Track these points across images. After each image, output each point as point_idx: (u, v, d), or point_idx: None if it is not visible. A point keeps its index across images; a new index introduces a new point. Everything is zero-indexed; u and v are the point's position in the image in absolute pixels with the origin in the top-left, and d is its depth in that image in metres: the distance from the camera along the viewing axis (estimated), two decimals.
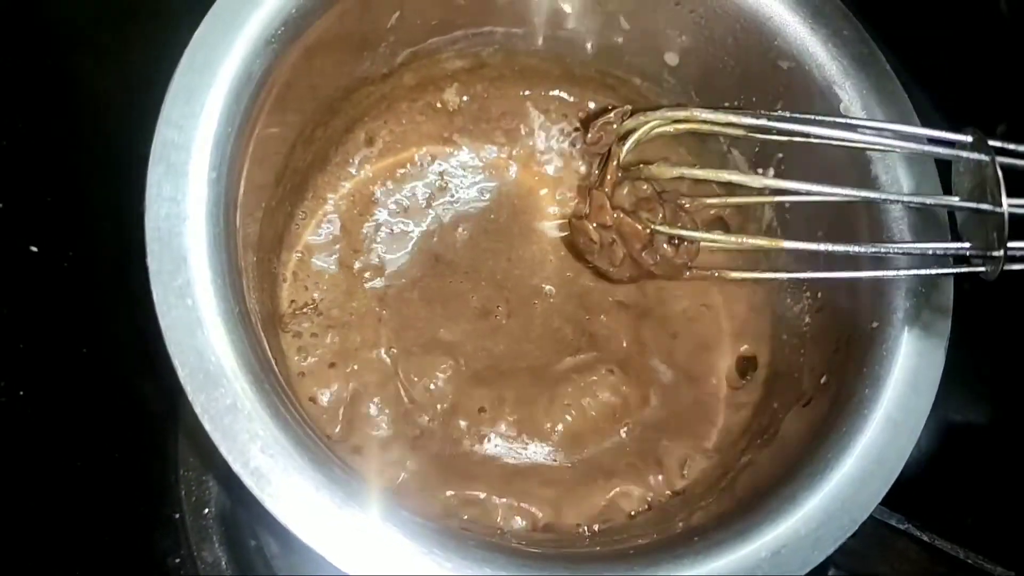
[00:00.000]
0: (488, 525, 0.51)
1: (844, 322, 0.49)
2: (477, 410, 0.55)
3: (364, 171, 0.60)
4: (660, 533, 0.46)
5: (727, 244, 0.48)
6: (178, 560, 0.57)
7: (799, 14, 0.50)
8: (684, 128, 0.46)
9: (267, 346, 0.45)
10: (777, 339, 0.56)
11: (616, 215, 0.48)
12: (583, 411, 0.55)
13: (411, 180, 0.60)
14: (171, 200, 0.40)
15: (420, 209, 0.60)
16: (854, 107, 0.49)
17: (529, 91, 0.62)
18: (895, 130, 0.45)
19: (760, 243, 0.46)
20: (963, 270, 0.43)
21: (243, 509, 0.57)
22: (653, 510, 0.53)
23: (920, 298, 0.46)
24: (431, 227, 0.60)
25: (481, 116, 0.62)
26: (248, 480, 0.37)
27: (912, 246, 0.46)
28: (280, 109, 0.47)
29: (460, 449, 0.54)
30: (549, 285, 0.59)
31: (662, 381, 0.57)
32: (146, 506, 0.58)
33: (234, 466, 0.37)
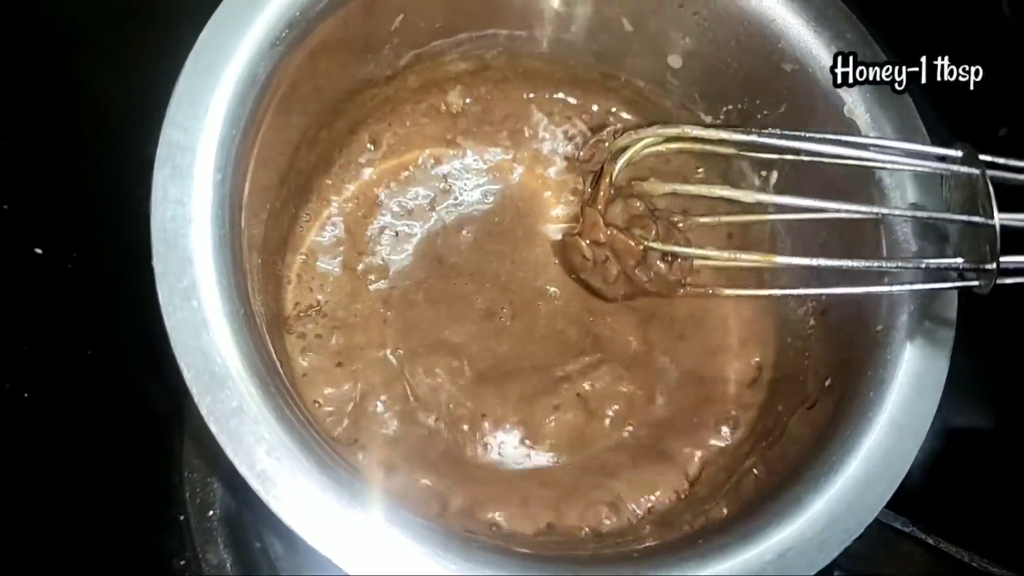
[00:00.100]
0: (492, 526, 0.51)
1: (849, 325, 0.49)
2: (482, 411, 0.55)
3: (368, 173, 0.60)
4: (665, 535, 0.46)
5: (720, 260, 0.48)
6: (183, 562, 0.57)
7: (802, 17, 0.51)
8: (676, 147, 0.46)
9: (272, 348, 0.45)
10: (782, 342, 0.56)
11: (609, 232, 0.47)
12: (588, 412, 0.55)
13: (415, 182, 0.60)
14: (177, 202, 0.40)
15: (424, 211, 0.60)
16: (857, 110, 0.49)
17: (533, 94, 0.62)
18: (886, 146, 0.45)
19: (753, 259, 0.46)
20: (957, 285, 0.44)
21: (248, 511, 0.57)
22: (658, 512, 0.52)
23: (924, 302, 0.46)
24: (435, 229, 0.60)
25: (485, 118, 0.62)
26: (254, 482, 0.37)
27: (906, 261, 0.46)
28: (284, 111, 0.47)
29: (465, 450, 0.54)
30: (553, 287, 0.59)
31: (667, 383, 0.57)
32: (150, 508, 0.58)
33: (240, 468, 0.37)
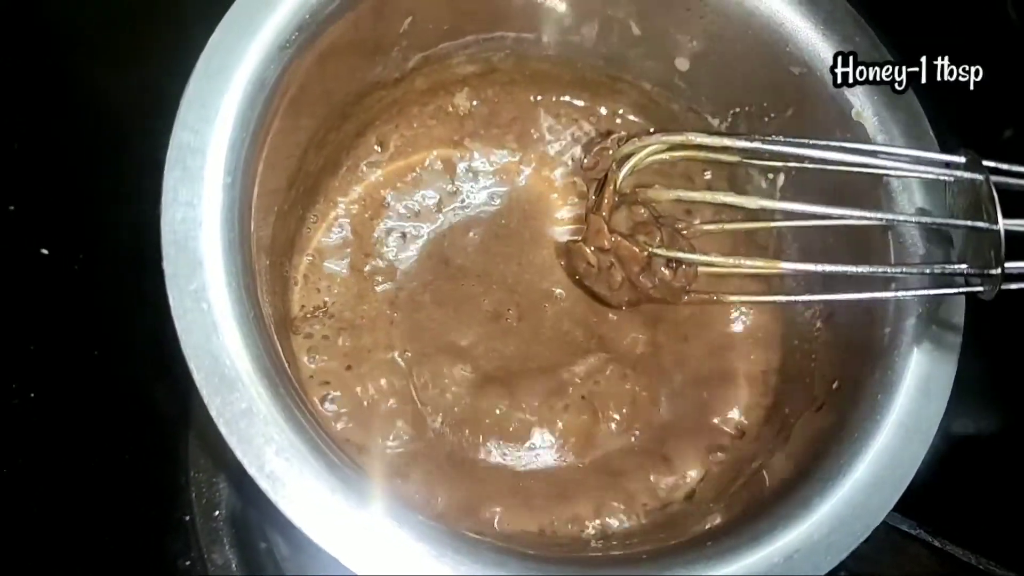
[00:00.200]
0: (499, 527, 0.51)
1: (856, 328, 0.49)
2: (488, 412, 0.55)
3: (375, 175, 0.60)
4: (672, 538, 0.46)
5: (724, 267, 0.48)
6: (188, 562, 0.57)
7: (810, 20, 0.50)
8: (680, 155, 0.46)
9: (280, 349, 0.45)
10: (789, 344, 0.56)
11: (613, 239, 0.48)
12: (593, 414, 0.55)
13: (422, 184, 0.60)
14: (187, 204, 0.40)
15: (431, 213, 0.60)
16: (866, 112, 0.49)
17: (540, 96, 0.62)
18: (890, 152, 0.45)
19: (757, 265, 0.46)
20: (961, 291, 0.44)
21: (254, 511, 0.58)
22: (664, 514, 0.52)
23: (932, 305, 0.46)
24: (442, 231, 0.60)
25: (492, 121, 0.62)
26: (264, 484, 0.37)
27: (910, 267, 0.46)
28: (293, 114, 0.48)
29: (471, 451, 0.54)
30: (560, 289, 0.59)
31: (673, 384, 0.57)
32: (156, 508, 0.59)
33: (250, 470, 0.37)
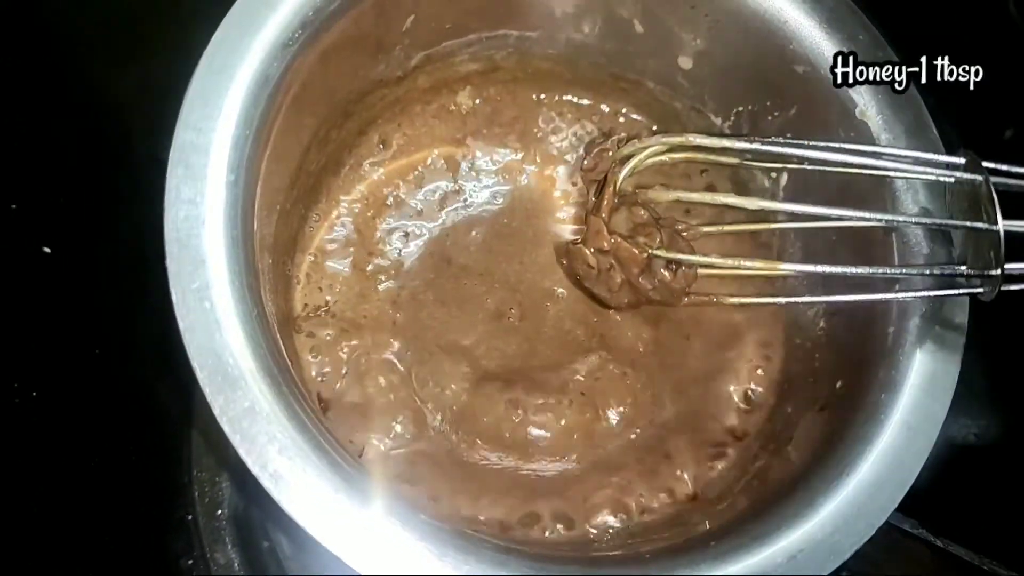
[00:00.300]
0: (501, 527, 0.51)
1: (859, 328, 0.49)
2: (489, 410, 0.55)
3: (377, 173, 0.60)
4: (675, 537, 0.46)
5: (724, 268, 0.48)
6: (191, 561, 0.57)
7: (814, 18, 0.50)
8: (680, 157, 0.46)
9: (283, 348, 0.45)
10: (791, 344, 0.56)
11: (613, 240, 0.48)
12: (595, 412, 0.55)
13: (424, 183, 0.60)
14: (190, 202, 0.40)
15: (433, 212, 0.60)
16: (869, 111, 0.49)
17: (543, 95, 0.62)
18: (889, 153, 0.45)
19: (757, 266, 0.46)
20: (961, 292, 0.44)
21: (256, 510, 0.58)
22: (667, 513, 0.52)
23: (935, 305, 0.46)
24: (444, 230, 0.60)
25: (494, 119, 0.62)
26: (267, 483, 0.37)
27: (911, 268, 0.46)
28: (296, 112, 0.47)
29: (472, 449, 0.54)
30: (561, 288, 0.59)
31: (675, 383, 0.57)
32: (159, 507, 0.59)
33: (253, 469, 0.37)
